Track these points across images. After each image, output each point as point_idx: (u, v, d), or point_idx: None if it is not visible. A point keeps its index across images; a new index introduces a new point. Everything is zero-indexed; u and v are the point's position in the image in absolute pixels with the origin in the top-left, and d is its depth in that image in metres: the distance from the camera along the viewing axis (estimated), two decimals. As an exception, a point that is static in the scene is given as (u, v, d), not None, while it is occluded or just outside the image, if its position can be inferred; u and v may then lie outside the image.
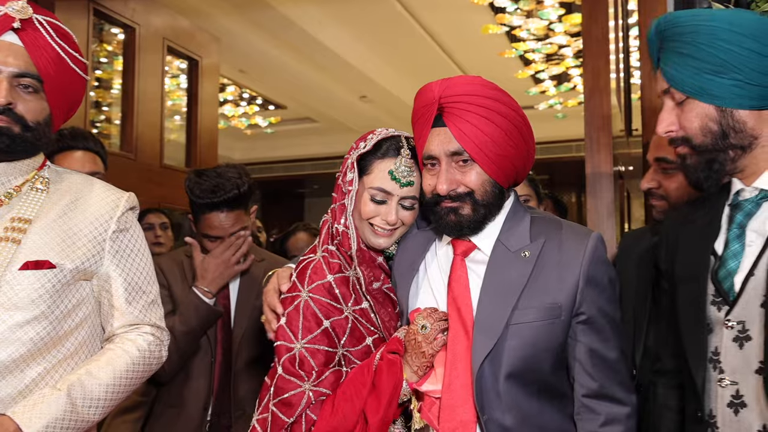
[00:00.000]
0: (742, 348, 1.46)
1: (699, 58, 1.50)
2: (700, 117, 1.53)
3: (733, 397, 1.47)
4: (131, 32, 5.08)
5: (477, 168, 1.71)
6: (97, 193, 1.86)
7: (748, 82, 1.47)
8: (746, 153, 1.52)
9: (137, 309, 1.84)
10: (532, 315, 1.67)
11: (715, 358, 1.51)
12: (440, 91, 1.71)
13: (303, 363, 1.72)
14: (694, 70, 1.51)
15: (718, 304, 1.52)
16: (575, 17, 6.78)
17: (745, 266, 1.48)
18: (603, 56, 2.97)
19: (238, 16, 7.00)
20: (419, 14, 7.49)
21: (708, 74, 1.50)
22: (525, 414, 1.66)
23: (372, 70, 9.03)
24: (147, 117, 5.09)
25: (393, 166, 1.81)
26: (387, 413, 1.69)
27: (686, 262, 1.62)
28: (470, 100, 1.69)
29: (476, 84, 1.72)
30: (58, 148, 2.58)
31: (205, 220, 2.62)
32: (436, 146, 1.72)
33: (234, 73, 9.11)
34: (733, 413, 1.47)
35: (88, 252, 1.77)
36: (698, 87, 1.51)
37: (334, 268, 1.80)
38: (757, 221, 1.51)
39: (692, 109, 1.54)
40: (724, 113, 1.51)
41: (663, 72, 1.58)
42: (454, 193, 1.71)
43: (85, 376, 1.69)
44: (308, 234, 3.99)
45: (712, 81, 1.49)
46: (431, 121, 1.72)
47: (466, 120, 1.68)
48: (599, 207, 2.88)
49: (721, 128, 1.52)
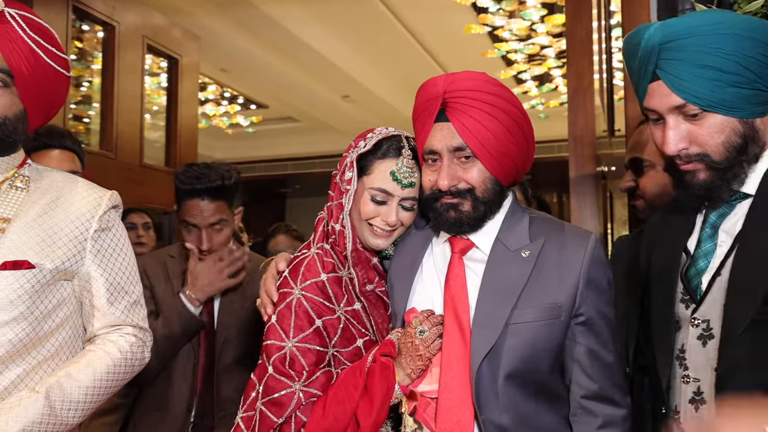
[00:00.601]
0: (705, 346, 1.47)
1: (724, 69, 1.43)
2: (724, 131, 1.46)
3: (695, 394, 1.48)
4: (110, 30, 5.03)
5: (479, 164, 1.70)
6: (79, 192, 1.83)
7: (765, 89, 1.44)
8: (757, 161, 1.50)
9: (119, 310, 1.81)
10: (531, 314, 1.66)
11: (682, 356, 1.52)
12: (445, 85, 1.70)
13: (294, 362, 1.70)
14: (717, 83, 1.43)
15: (686, 302, 1.53)
16: (557, 18, 6.81)
17: (713, 266, 1.49)
18: (587, 56, 2.98)
19: (221, 14, 6.96)
20: (402, 14, 7.49)
21: (732, 87, 1.43)
22: (522, 415, 1.65)
23: (355, 70, 9.02)
24: (127, 115, 5.03)
25: (394, 166, 1.79)
26: (379, 416, 1.67)
27: (660, 260, 1.62)
28: (474, 95, 1.68)
29: (481, 80, 1.71)
30: (34, 146, 2.54)
31: (186, 206, 2.62)
32: (438, 141, 1.71)
33: (215, 72, 9.05)
34: (694, 409, 1.48)
35: (68, 251, 1.74)
36: (724, 101, 1.44)
37: (327, 267, 1.78)
38: (730, 222, 1.50)
39: (712, 124, 1.47)
40: (747, 125, 1.47)
41: (672, 81, 1.48)
42: (455, 189, 1.70)
43: (64, 379, 1.66)
44: (288, 237, 3.96)
45: (736, 93, 1.44)
46: (434, 115, 1.71)
47: (469, 115, 1.67)
48: (583, 207, 2.88)
49: (744, 140, 1.47)
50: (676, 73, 1.46)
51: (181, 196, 2.65)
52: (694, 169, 1.50)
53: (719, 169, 1.48)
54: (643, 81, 1.54)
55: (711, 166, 1.48)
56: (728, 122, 1.45)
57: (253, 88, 10.13)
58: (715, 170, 1.48)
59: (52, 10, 4.44)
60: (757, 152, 1.48)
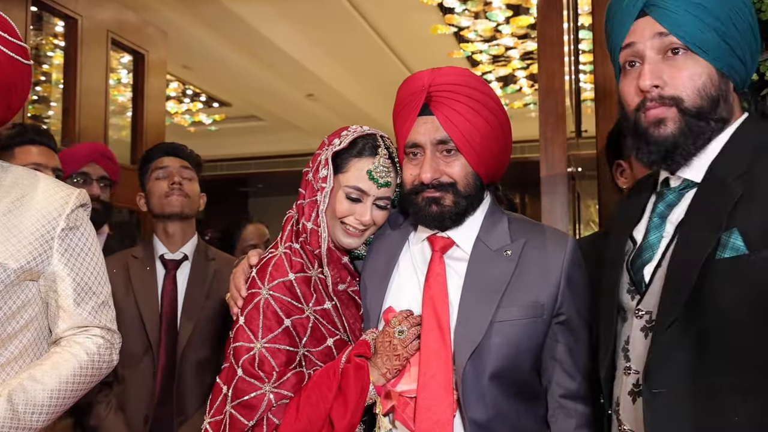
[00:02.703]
0: (647, 338, 1.45)
1: (712, 11, 1.40)
2: (701, 77, 1.42)
3: (634, 386, 1.47)
4: (73, 24, 4.91)
5: (462, 159, 1.72)
6: (44, 189, 1.77)
7: (738, 54, 1.43)
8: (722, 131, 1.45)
9: (86, 311, 1.76)
10: (515, 312, 1.68)
11: (626, 347, 1.51)
12: (430, 79, 1.72)
13: (263, 363, 1.68)
14: (702, 23, 1.40)
15: (632, 293, 1.51)
16: (522, 19, 6.85)
17: (657, 257, 1.47)
18: (558, 58, 3.00)
19: (184, 10, 6.86)
20: (368, 13, 7.48)
21: (716, 33, 1.40)
22: (504, 414, 1.66)
23: (320, 68, 8.97)
24: (90, 112, 4.92)
25: (371, 165, 1.79)
26: (354, 417, 1.66)
27: (610, 249, 1.61)
28: (459, 90, 1.70)
29: (465, 75, 1.74)
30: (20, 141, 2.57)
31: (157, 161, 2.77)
32: (422, 135, 1.72)
33: (177, 69, 8.92)
34: (632, 401, 1.47)
35: (34, 251, 1.69)
36: (710, 43, 1.40)
37: (295, 267, 1.76)
38: (677, 213, 1.48)
39: (692, 66, 1.42)
40: (722, 78, 1.43)
41: (661, 14, 1.43)
42: (437, 182, 1.71)
43: (27, 381, 1.61)
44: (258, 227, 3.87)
45: (719, 43, 1.41)
46: (418, 109, 1.72)
47: (454, 109, 1.69)
48: (554, 208, 2.90)
49: (718, 94, 1.43)
50: (665, 5, 1.43)
51: (150, 160, 2.80)
52: (663, 116, 1.44)
53: (689, 117, 1.42)
54: (629, 19, 1.48)
55: (682, 111, 1.43)
56: (707, 69, 1.42)
57: (216, 85, 10.01)
58: (684, 119, 1.43)
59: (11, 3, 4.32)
60: (725, 117, 1.45)
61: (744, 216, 1.32)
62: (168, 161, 2.76)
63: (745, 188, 1.34)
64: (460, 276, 1.74)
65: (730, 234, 1.32)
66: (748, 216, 1.32)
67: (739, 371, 1.31)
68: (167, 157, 2.78)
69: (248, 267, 1.84)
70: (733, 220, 1.33)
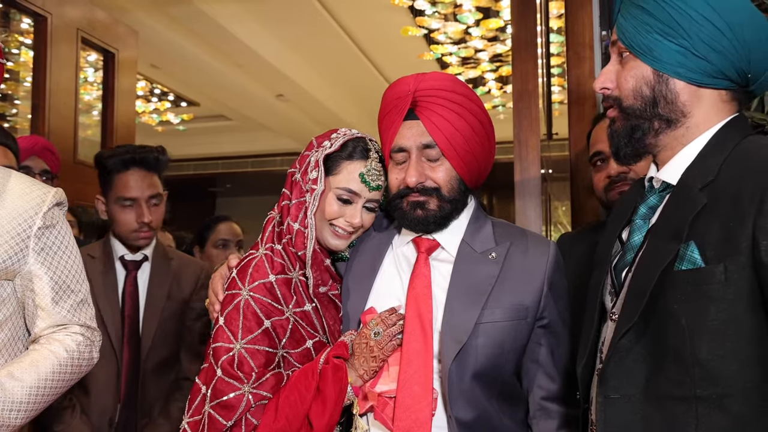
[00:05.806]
0: None
1: (654, 14, 1.42)
2: (636, 77, 1.46)
3: None
4: (42, 21, 4.83)
5: (446, 164, 1.74)
6: (19, 188, 1.75)
7: (694, 52, 1.41)
8: (671, 129, 1.46)
9: (65, 309, 1.75)
10: (500, 314, 1.70)
11: (602, 348, 1.51)
12: (416, 84, 1.73)
13: (242, 364, 1.68)
14: (646, 27, 1.43)
15: (612, 295, 1.52)
16: (492, 22, 6.90)
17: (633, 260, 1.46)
18: (531, 60, 3.02)
19: (152, 8, 6.80)
20: (339, 14, 7.48)
21: (657, 34, 1.42)
22: (486, 414, 1.68)
23: (289, 69, 8.94)
24: (60, 111, 4.84)
25: (363, 168, 1.80)
26: (332, 418, 1.67)
27: (600, 250, 1.62)
28: (444, 95, 1.72)
29: (450, 80, 1.75)
30: None
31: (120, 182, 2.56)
32: (407, 139, 1.73)
33: (145, 68, 8.82)
34: None
35: (10, 249, 1.67)
36: (644, 45, 1.44)
37: (276, 268, 1.76)
38: (656, 215, 1.47)
39: (631, 68, 1.47)
40: (660, 79, 1.44)
41: (618, 24, 1.50)
42: (421, 186, 1.73)
43: (5, 379, 1.60)
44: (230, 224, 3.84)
45: (659, 42, 1.42)
46: (404, 113, 1.74)
47: (439, 114, 1.71)
48: (528, 209, 2.92)
49: (653, 94, 1.45)
50: (623, 14, 1.49)
51: (112, 171, 2.57)
52: (613, 116, 1.51)
53: (628, 117, 1.47)
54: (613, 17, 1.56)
55: (622, 110, 1.48)
56: (642, 69, 1.45)
57: (184, 85, 9.91)
58: (626, 118, 1.48)
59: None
60: (673, 118, 1.45)
61: (704, 227, 1.31)
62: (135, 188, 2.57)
63: (710, 197, 1.33)
64: (444, 278, 1.75)
65: (687, 246, 1.31)
66: (708, 227, 1.30)
67: (692, 383, 1.29)
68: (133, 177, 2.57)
69: (227, 271, 1.83)
70: (694, 230, 1.32)
